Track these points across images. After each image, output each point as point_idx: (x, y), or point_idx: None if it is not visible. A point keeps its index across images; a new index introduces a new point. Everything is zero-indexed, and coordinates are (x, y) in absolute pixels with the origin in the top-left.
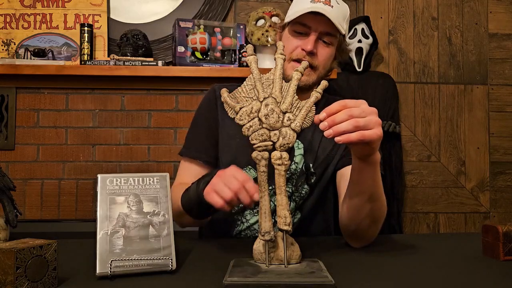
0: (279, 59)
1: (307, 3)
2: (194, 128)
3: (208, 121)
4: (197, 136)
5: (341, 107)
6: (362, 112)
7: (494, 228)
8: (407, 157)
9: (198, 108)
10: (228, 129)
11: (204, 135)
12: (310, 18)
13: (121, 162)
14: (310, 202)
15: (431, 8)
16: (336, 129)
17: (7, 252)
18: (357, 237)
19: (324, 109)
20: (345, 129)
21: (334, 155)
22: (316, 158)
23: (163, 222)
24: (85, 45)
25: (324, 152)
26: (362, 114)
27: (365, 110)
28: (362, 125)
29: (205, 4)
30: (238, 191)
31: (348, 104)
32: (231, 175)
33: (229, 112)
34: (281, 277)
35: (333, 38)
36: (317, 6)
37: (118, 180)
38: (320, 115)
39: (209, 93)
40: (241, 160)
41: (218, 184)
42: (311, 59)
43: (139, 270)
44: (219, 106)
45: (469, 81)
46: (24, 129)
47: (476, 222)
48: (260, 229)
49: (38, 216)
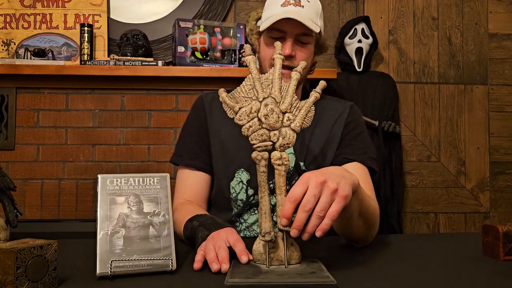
0: (278, 59)
1: (278, 7)
2: (184, 136)
3: (198, 129)
4: (188, 144)
5: (294, 204)
6: (314, 197)
7: (494, 228)
8: (407, 157)
9: (187, 117)
10: (219, 135)
11: (195, 142)
12: (283, 23)
13: (121, 162)
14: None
15: (431, 8)
16: (309, 231)
17: (7, 252)
18: (355, 242)
19: (281, 214)
20: (314, 226)
21: (326, 153)
22: (306, 156)
23: (163, 222)
24: (85, 45)
25: (315, 149)
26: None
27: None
28: (324, 212)
29: (205, 4)
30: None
31: (298, 197)
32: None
33: (228, 112)
34: (282, 277)
35: (309, 38)
36: (288, 9)
37: (118, 180)
38: (282, 221)
39: (197, 101)
40: (233, 163)
41: (209, 253)
42: (291, 62)
43: (139, 270)
44: (207, 113)
45: (469, 81)
46: (24, 129)
47: (476, 222)
48: (260, 230)
49: (38, 216)
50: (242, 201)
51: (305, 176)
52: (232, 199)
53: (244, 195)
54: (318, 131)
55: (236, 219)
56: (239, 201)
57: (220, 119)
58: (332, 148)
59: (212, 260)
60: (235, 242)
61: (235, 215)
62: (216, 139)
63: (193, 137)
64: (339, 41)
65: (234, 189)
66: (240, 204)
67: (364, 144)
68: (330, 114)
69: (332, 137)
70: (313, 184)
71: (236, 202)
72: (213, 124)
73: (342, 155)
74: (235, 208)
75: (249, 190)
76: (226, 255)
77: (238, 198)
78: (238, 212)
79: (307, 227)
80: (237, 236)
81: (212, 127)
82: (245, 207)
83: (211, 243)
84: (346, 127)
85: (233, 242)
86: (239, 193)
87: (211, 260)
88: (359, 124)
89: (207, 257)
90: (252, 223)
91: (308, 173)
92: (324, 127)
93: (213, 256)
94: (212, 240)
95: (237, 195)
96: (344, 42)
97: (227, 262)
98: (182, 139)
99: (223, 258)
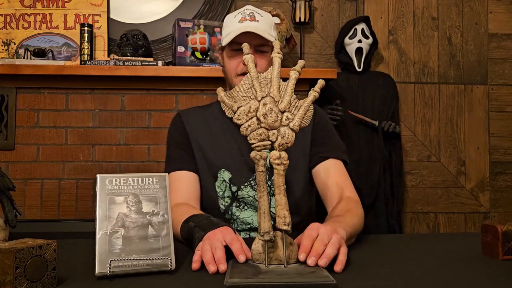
0: (277, 58)
1: (236, 24)
2: (170, 149)
3: (181, 139)
4: (176, 153)
5: (312, 240)
6: (327, 236)
7: (494, 228)
8: (407, 157)
9: (168, 134)
10: (197, 142)
11: (182, 150)
12: (243, 36)
13: (121, 162)
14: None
15: (431, 8)
16: (327, 257)
17: (6, 252)
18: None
19: (301, 249)
20: (332, 254)
21: (304, 147)
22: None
23: (162, 222)
24: (85, 45)
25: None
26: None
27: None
28: (337, 245)
29: (205, 4)
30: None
31: (313, 235)
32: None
33: (227, 112)
34: (282, 277)
35: (267, 47)
36: (245, 25)
37: (117, 180)
38: (301, 256)
39: (175, 118)
40: (214, 165)
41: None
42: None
43: (138, 270)
44: (186, 125)
45: (469, 81)
46: (24, 129)
47: (476, 222)
48: (259, 229)
49: (38, 216)
50: (229, 197)
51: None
52: (220, 197)
53: (229, 192)
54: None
55: (228, 216)
56: (226, 198)
57: (195, 128)
58: (306, 145)
59: (208, 262)
60: (231, 241)
61: (224, 212)
62: (196, 146)
63: (179, 146)
64: (339, 41)
65: (220, 188)
66: (227, 200)
67: (334, 140)
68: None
69: (303, 136)
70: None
71: (224, 199)
72: (191, 132)
73: (317, 154)
74: (222, 205)
75: (233, 187)
76: (223, 255)
77: (225, 195)
78: (226, 208)
79: (327, 254)
80: (233, 234)
81: (191, 134)
82: (232, 203)
83: (207, 243)
84: (316, 127)
85: (230, 241)
86: (225, 191)
87: (208, 261)
88: (326, 122)
89: (204, 259)
90: (243, 217)
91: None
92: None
93: (210, 257)
94: (208, 241)
95: (224, 192)
96: (344, 42)
97: (224, 262)
98: (169, 152)
99: (220, 259)
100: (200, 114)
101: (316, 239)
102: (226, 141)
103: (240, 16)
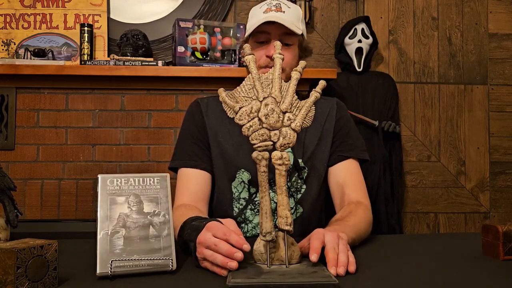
0: (278, 59)
1: (261, 15)
2: (183, 140)
3: (197, 132)
4: (189, 146)
5: (321, 242)
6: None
7: (494, 228)
8: (407, 157)
9: (184, 122)
10: (217, 137)
11: (195, 144)
12: (267, 26)
13: (121, 162)
14: (308, 198)
15: (431, 8)
16: (344, 265)
17: (7, 252)
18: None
19: (312, 251)
20: (345, 261)
21: (323, 149)
22: (304, 153)
23: (164, 222)
24: (85, 45)
25: (311, 145)
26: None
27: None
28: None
29: (205, 4)
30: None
31: (321, 239)
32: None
33: (228, 112)
34: (284, 277)
35: (293, 38)
36: (270, 15)
37: (118, 180)
38: (312, 257)
39: (193, 106)
40: (233, 165)
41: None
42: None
43: (139, 270)
44: (205, 117)
45: (469, 81)
46: (24, 129)
47: (476, 222)
48: (261, 230)
49: (38, 216)
50: (244, 199)
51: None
52: (235, 199)
53: (247, 193)
54: (311, 128)
55: (241, 219)
56: (242, 199)
57: (216, 122)
58: (325, 143)
59: (224, 262)
60: (223, 236)
61: (238, 215)
62: (215, 142)
63: (193, 140)
64: (339, 41)
65: (236, 189)
66: (242, 202)
67: (354, 139)
68: (318, 111)
69: (325, 133)
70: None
71: (239, 201)
72: (211, 127)
73: (337, 153)
74: (236, 207)
75: (251, 188)
76: (237, 238)
77: (241, 197)
78: (239, 211)
79: (341, 261)
80: (222, 228)
81: (211, 130)
82: (247, 205)
83: (206, 250)
84: (337, 124)
85: (222, 237)
86: (242, 192)
87: (222, 263)
88: (348, 119)
89: (216, 262)
90: (258, 223)
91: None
92: (315, 124)
93: (221, 259)
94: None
95: (240, 194)
96: (344, 42)
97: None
98: (181, 143)
99: (238, 241)
100: (220, 106)
101: (328, 248)
102: (247, 139)
103: (266, 7)
